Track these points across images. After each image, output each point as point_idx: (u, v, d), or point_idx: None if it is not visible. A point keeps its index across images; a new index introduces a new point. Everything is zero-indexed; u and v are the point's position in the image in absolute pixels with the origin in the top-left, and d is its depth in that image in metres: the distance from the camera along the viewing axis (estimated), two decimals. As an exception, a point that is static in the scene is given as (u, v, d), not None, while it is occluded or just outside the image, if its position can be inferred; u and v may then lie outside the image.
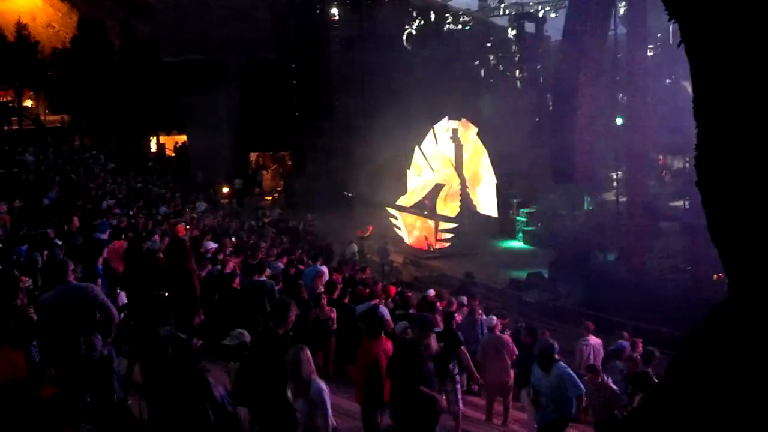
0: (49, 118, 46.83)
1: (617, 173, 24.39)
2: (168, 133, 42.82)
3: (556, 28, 31.24)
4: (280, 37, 35.14)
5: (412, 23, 34.86)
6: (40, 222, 12.35)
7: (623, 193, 22.41)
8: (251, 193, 36.10)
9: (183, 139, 41.11)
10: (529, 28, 33.61)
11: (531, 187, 27.83)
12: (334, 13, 34.01)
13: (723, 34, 2.49)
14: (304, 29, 34.21)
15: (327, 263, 15.02)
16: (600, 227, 22.48)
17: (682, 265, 19.27)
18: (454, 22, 35.18)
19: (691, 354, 2.79)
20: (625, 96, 23.72)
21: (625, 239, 20.60)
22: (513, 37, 33.03)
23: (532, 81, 32.83)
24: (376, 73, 32.79)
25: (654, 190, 24.29)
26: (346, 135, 32.59)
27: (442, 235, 24.91)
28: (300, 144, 35.02)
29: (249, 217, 27.35)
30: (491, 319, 9.95)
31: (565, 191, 25.38)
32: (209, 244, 12.90)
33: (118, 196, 19.93)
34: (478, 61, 34.37)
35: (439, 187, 26.31)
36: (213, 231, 17.55)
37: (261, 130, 35.92)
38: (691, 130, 2.83)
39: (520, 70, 32.96)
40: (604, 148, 23.73)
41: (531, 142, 28.83)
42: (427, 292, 12.70)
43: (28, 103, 50.75)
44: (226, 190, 34.11)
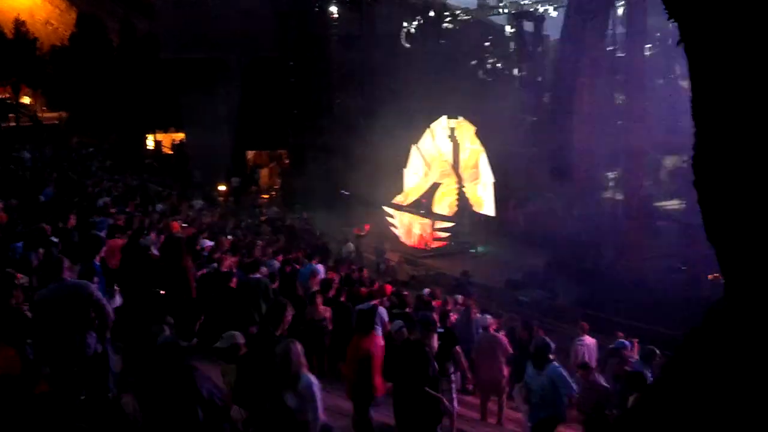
0: (47, 115, 46.80)
1: (614, 172, 24.40)
2: (165, 130, 42.76)
3: (555, 27, 31.33)
4: (280, 35, 35.11)
5: (411, 22, 34.86)
6: (36, 219, 12.29)
7: (620, 192, 22.43)
8: (248, 191, 36.05)
9: (180, 136, 41.04)
10: (528, 27, 33.67)
11: (529, 186, 27.79)
12: (333, 11, 33.99)
13: (722, 34, 2.48)
14: (303, 28, 34.18)
15: (323, 262, 14.98)
16: (597, 226, 22.48)
17: (678, 264, 19.30)
18: (453, 21, 35.19)
19: (686, 354, 2.79)
20: (623, 95, 23.78)
21: (621, 238, 20.62)
22: (510, 34, 33.06)
23: (531, 80, 32.86)
24: (375, 72, 32.79)
25: (650, 189, 24.30)
26: (345, 134, 32.52)
27: (439, 234, 24.89)
28: (299, 143, 34.99)
29: (246, 215, 27.28)
30: (485, 318, 9.95)
31: (562, 190, 25.35)
32: (206, 242, 12.86)
33: (114, 193, 19.86)
34: (476, 61, 34.39)
35: (436, 185, 26.29)
36: (210, 229, 17.49)
37: (259, 129, 35.88)
38: (689, 130, 2.82)
39: (518, 69, 33.00)
40: (602, 147, 23.73)
41: (529, 141, 28.81)
42: (423, 291, 12.71)
43: (26, 99, 50.71)
44: (223, 188, 34.05)
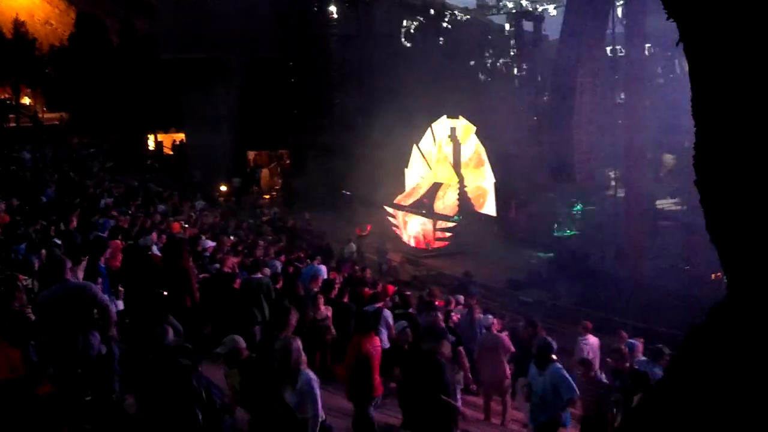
0: (47, 115, 46.75)
1: (615, 172, 24.37)
2: (166, 131, 42.73)
3: (554, 26, 31.31)
4: (280, 35, 35.10)
5: (411, 21, 34.86)
6: (37, 220, 12.30)
7: (621, 192, 22.41)
8: (249, 191, 36.04)
9: (181, 137, 40.99)
10: (528, 26, 33.66)
11: (529, 186, 27.76)
12: (333, 11, 33.99)
13: (722, 33, 2.49)
14: (303, 28, 34.17)
15: (325, 262, 14.99)
16: (598, 226, 22.47)
17: (680, 264, 19.29)
18: (453, 20, 35.18)
19: (689, 354, 2.79)
20: (623, 95, 23.76)
21: (623, 238, 20.61)
22: (509, 32, 33.05)
23: (531, 79, 32.84)
24: (375, 71, 32.75)
25: (651, 189, 24.27)
26: (345, 133, 32.48)
27: (440, 234, 24.88)
28: (299, 142, 34.96)
29: (247, 215, 27.27)
30: (488, 318, 9.95)
31: (561, 190, 25.35)
32: (207, 242, 12.87)
33: (116, 194, 19.88)
34: (476, 60, 34.38)
35: (437, 185, 26.27)
36: (212, 229, 17.50)
37: (259, 129, 35.84)
38: (689, 129, 2.83)
39: (518, 68, 32.98)
40: (603, 146, 23.71)
41: (529, 141, 28.77)
42: (425, 291, 12.71)
43: (26, 100, 50.69)
44: (224, 189, 34.03)
